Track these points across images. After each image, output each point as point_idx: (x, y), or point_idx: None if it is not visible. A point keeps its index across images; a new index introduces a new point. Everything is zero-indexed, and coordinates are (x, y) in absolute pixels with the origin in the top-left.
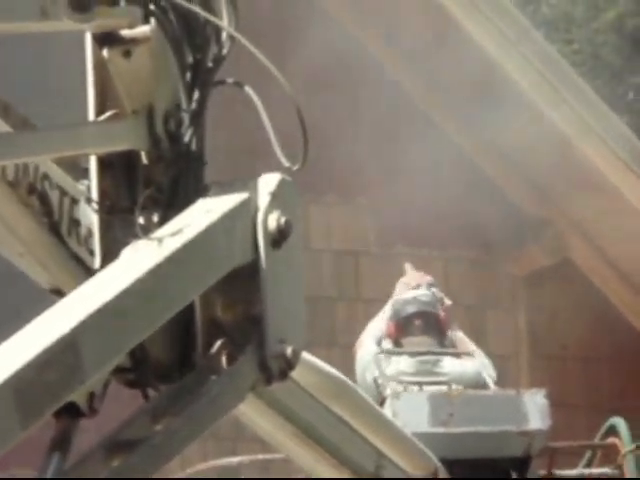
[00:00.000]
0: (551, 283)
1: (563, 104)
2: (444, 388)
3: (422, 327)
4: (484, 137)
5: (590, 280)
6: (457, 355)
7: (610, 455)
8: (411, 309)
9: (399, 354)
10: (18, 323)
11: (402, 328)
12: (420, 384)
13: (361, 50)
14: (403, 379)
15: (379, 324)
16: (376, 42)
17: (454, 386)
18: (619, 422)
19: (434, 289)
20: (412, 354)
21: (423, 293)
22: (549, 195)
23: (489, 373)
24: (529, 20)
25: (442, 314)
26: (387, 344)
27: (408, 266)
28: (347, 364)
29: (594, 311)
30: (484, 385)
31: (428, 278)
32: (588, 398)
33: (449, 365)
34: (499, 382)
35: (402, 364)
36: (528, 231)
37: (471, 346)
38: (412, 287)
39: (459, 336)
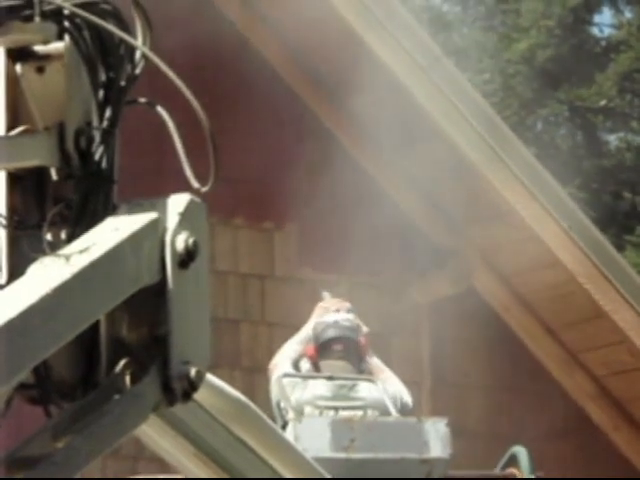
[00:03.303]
0: (455, 312)
1: (472, 133)
2: (360, 413)
3: (341, 352)
4: (392, 164)
5: (493, 309)
6: (371, 381)
7: None
8: (332, 333)
9: (305, 379)
10: None
11: (322, 351)
12: (336, 409)
13: (271, 74)
14: (319, 403)
15: (294, 346)
16: (284, 65)
17: (370, 411)
18: (521, 451)
19: (352, 315)
20: (329, 378)
21: (345, 318)
22: (455, 223)
23: (406, 400)
24: (441, 48)
25: (362, 340)
26: (306, 365)
27: (326, 294)
28: (250, 386)
29: (497, 340)
30: (401, 410)
31: (347, 304)
32: (489, 427)
33: (365, 390)
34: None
35: (319, 388)
36: (433, 259)
37: (387, 372)
38: (332, 311)
39: (375, 362)
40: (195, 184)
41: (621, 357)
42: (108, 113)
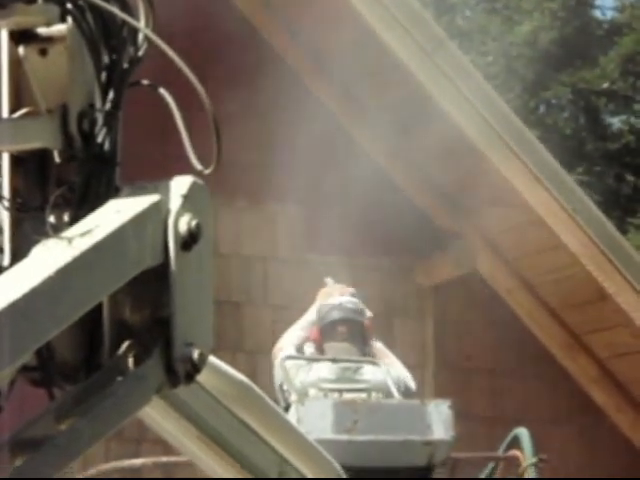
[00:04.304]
0: (458, 294)
1: (475, 116)
2: (364, 396)
3: (345, 334)
4: (395, 147)
5: (496, 292)
6: (375, 363)
7: (513, 466)
8: (336, 315)
9: (309, 361)
10: None
11: (326, 333)
12: (341, 391)
13: (274, 56)
14: (324, 386)
15: (298, 331)
16: (289, 49)
17: (374, 394)
18: (523, 433)
19: (356, 299)
20: (332, 361)
21: (349, 300)
22: (458, 206)
23: (409, 384)
24: (444, 31)
25: (366, 322)
26: (310, 348)
27: (329, 280)
28: (253, 369)
29: (500, 323)
30: (404, 394)
31: (350, 289)
32: (492, 409)
33: (370, 373)
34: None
35: (323, 371)
36: (437, 242)
37: (391, 357)
38: (337, 294)
39: (379, 347)
40: (198, 166)
41: (624, 339)
42: (111, 95)
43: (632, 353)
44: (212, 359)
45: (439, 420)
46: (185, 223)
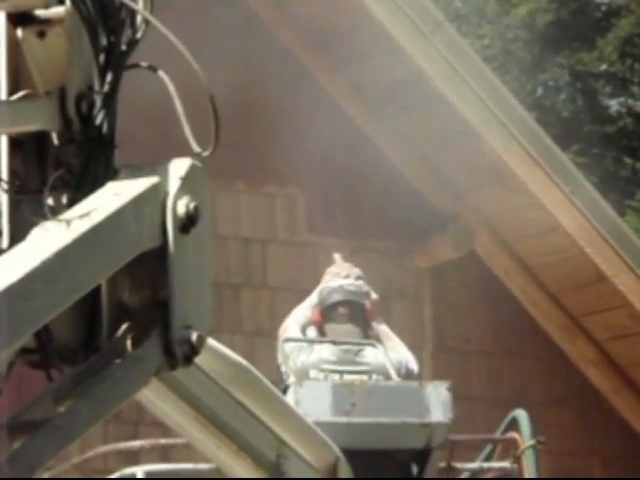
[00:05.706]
0: (456, 276)
1: (473, 98)
2: (365, 378)
3: (347, 316)
4: (394, 129)
5: (495, 274)
6: (375, 346)
7: (511, 448)
8: (337, 297)
9: (310, 343)
10: None
11: (327, 315)
12: (341, 373)
13: (273, 40)
14: (324, 367)
15: (304, 311)
16: (287, 32)
17: (375, 376)
18: (521, 415)
19: (361, 281)
20: (333, 342)
21: (350, 282)
22: (457, 188)
23: (411, 366)
24: (441, 14)
25: (368, 305)
26: (311, 331)
27: (337, 256)
28: (251, 351)
29: (498, 305)
30: (406, 377)
31: (356, 270)
32: (490, 391)
33: (371, 355)
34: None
35: (324, 352)
36: (435, 224)
37: (395, 340)
38: (341, 277)
39: (383, 329)
40: (196, 148)
41: (622, 321)
42: (109, 77)
43: (630, 335)
44: (210, 341)
45: (437, 402)
46: (183, 205)
